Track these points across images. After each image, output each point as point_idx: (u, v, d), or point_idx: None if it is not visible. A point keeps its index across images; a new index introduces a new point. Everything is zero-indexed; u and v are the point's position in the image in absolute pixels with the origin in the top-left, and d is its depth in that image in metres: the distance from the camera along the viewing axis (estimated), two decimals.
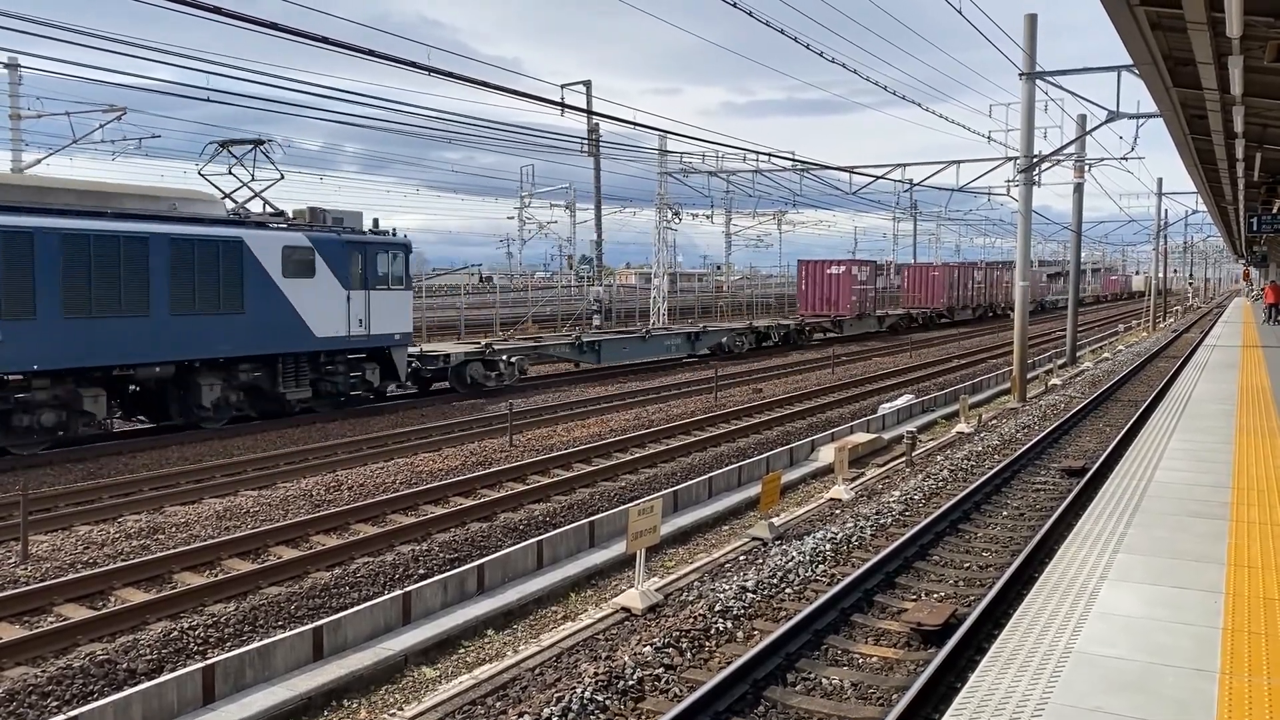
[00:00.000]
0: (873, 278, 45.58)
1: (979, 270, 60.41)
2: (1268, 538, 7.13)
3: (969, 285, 57.33)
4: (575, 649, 7.89)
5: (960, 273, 56.83)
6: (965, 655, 7.37)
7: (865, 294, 43.84)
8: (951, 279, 54.53)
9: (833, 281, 42.90)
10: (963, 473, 14.12)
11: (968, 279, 57.26)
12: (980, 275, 59.95)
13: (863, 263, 45.71)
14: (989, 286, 61.01)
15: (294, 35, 10.57)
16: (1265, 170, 18.66)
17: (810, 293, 43.42)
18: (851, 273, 42.93)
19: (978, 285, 58.89)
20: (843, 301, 42.57)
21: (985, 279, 60.47)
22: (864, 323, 44.57)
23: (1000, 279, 62.87)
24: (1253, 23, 8.27)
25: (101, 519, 12.00)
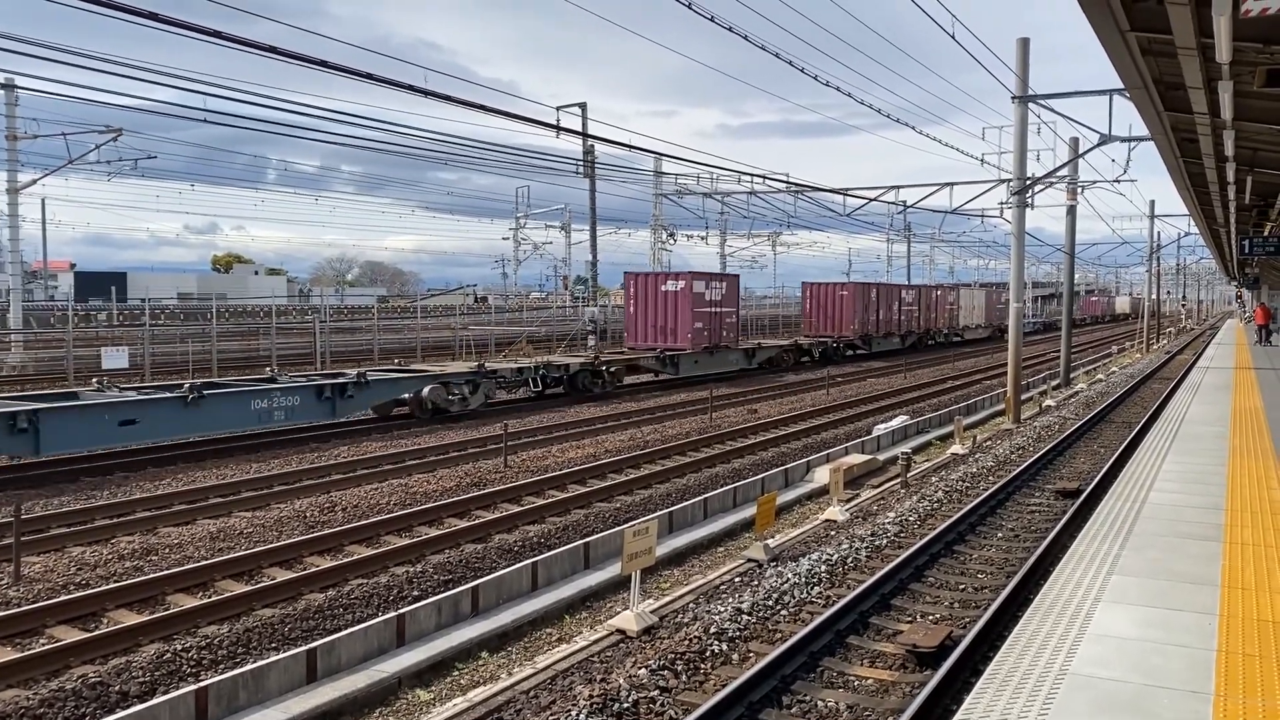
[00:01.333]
0: (733, 297, 34.38)
1: (908, 291, 50.70)
2: (1261, 559, 7.15)
3: (894, 308, 47.41)
4: (570, 671, 7.86)
5: (881, 293, 46.42)
6: (961, 677, 7.36)
7: (718, 320, 32.68)
8: (867, 300, 44.12)
9: (667, 303, 31.40)
10: (958, 494, 14.13)
11: (892, 300, 47.45)
12: (911, 296, 50.30)
13: (715, 277, 33.76)
14: (927, 309, 51.95)
15: (292, 58, 10.63)
16: (1256, 193, 18.79)
17: (640, 318, 31.80)
18: (693, 291, 31.29)
19: (907, 308, 49.16)
20: (681, 330, 31.10)
21: (919, 301, 51.04)
22: (716, 359, 32.67)
23: (942, 301, 54.51)
24: (1242, 48, 8.37)
25: (94, 540, 11.95)
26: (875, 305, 44.92)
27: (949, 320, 55.27)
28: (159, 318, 51.17)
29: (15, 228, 33.38)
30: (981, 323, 60.95)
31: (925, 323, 51.65)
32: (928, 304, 52.26)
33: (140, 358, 29.92)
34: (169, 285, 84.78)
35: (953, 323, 55.72)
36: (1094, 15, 8.08)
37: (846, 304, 42.51)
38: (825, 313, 42.81)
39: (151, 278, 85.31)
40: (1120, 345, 57.00)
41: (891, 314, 46.86)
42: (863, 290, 43.97)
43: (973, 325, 59.61)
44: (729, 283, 34.58)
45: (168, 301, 70.51)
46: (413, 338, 42.38)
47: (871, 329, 44.37)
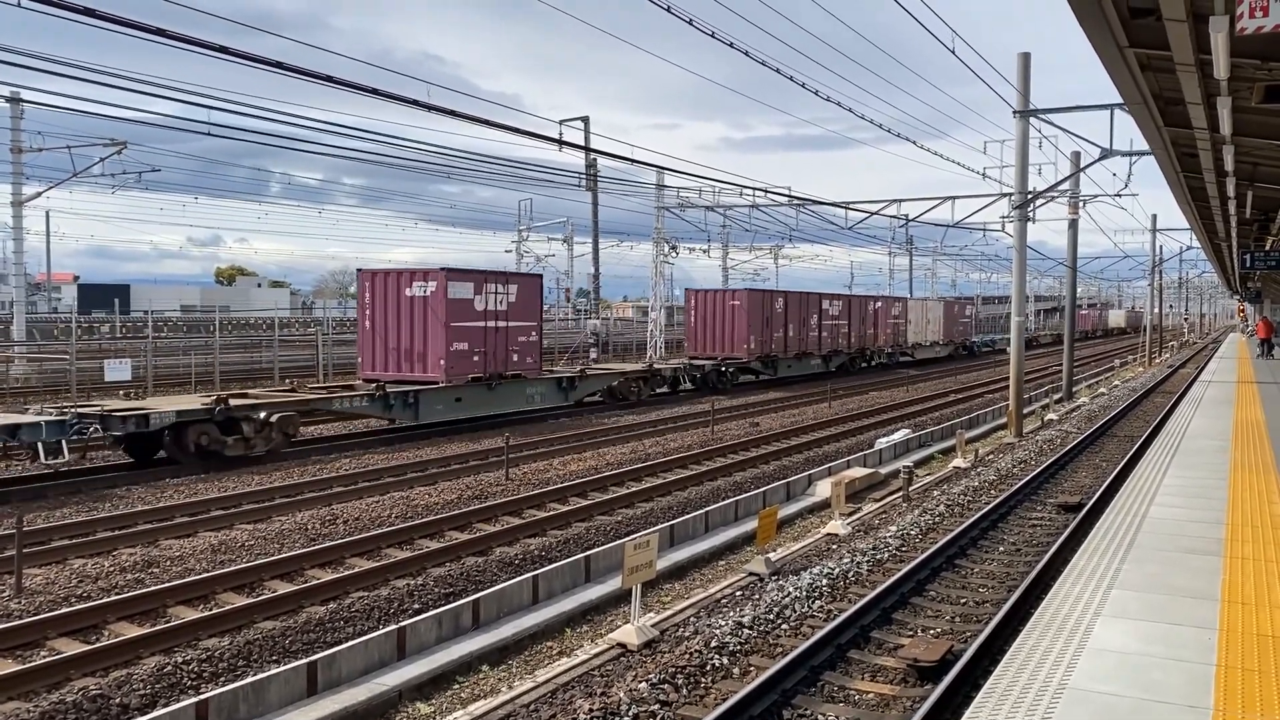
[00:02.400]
0: (532, 306, 24.68)
1: (833, 301, 41.43)
2: (1262, 574, 7.14)
3: (812, 322, 38.68)
4: (570, 685, 7.86)
5: (792, 304, 37.17)
6: (961, 692, 7.36)
7: (500, 339, 23.21)
8: (768, 312, 35.41)
9: (413, 314, 21.89)
10: (959, 508, 14.12)
11: (808, 312, 38.48)
12: (838, 308, 41.30)
13: (497, 276, 23.74)
14: (861, 324, 43.27)
15: (296, 73, 10.70)
16: (1257, 208, 18.83)
17: (376, 336, 22.31)
18: (449, 295, 21.65)
19: (832, 322, 40.52)
20: (432, 353, 21.68)
21: (850, 313, 42.27)
22: (497, 395, 23.16)
23: (883, 313, 45.89)
24: (1240, 64, 8.41)
25: (96, 552, 11.96)
26: (782, 319, 36.50)
27: (893, 337, 47.25)
28: (162, 330, 51.28)
29: (19, 240, 33.50)
30: (938, 339, 53.82)
31: (859, 340, 43.12)
32: (862, 317, 43.59)
33: (143, 370, 29.98)
34: (172, 297, 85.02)
35: (898, 340, 47.95)
36: (1093, 32, 8.14)
37: (738, 317, 34.32)
38: (711, 328, 34.76)
39: (155, 290, 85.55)
40: (1123, 359, 56.69)
41: (808, 330, 38.44)
42: (762, 300, 35.49)
43: (925, 342, 51.93)
44: (523, 286, 24.61)
45: (171, 314, 70.66)
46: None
47: (776, 348, 36.03)
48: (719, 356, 34.28)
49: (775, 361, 36.36)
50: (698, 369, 32.98)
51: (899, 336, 48.01)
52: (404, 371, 22.03)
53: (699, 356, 34.45)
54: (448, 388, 22.00)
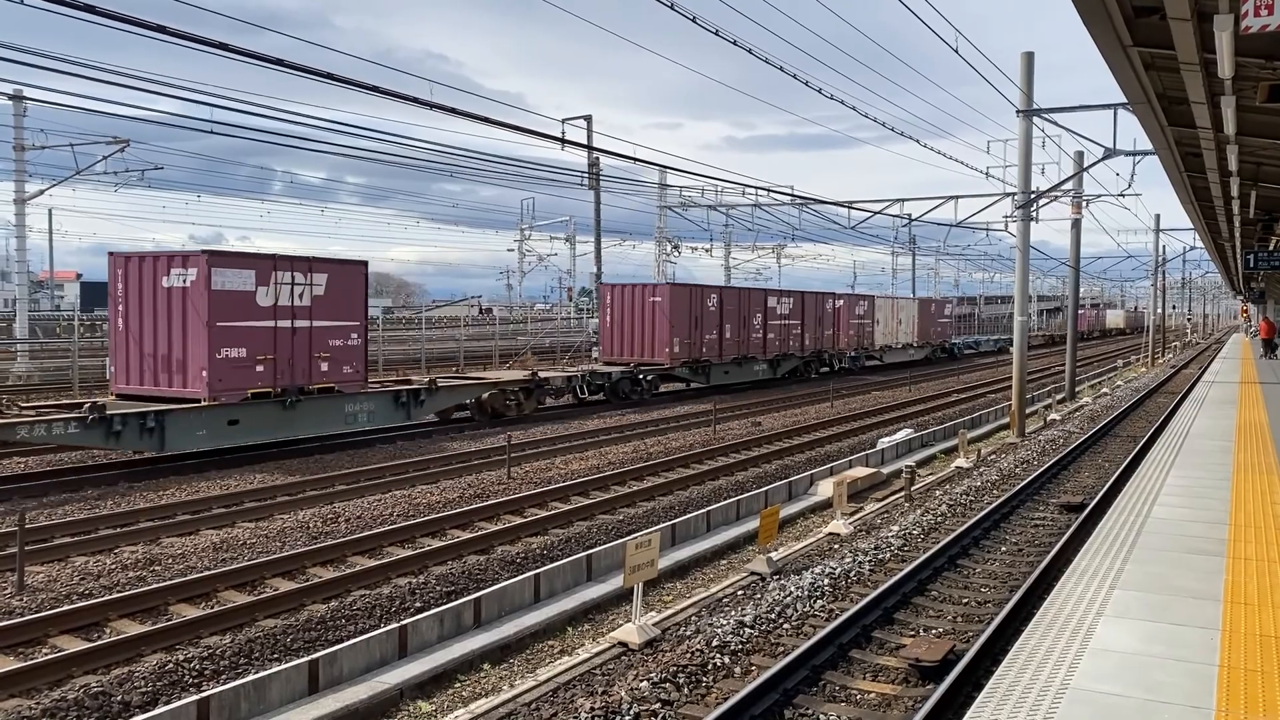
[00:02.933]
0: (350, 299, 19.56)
1: (781, 298, 36.48)
2: (1265, 574, 7.13)
3: (754, 322, 34.34)
4: (572, 684, 7.85)
5: (728, 301, 32.80)
6: (963, 692, 7.34)
7: (301, 340, 18.49)
8: (697, 309, 31.04)
9: (165, 307, 17.47)
10: (961, 508, 14.11)
11: (750, 310, 34.10)
12: (788, 305, 36.56)
13: (291, 262, 18.55)
14: (817, 324, 38.67)
15: (299, 71, 10.70)
16: (1261, 208, 18.80)
17: (130, 339, 17.86)
18: (209, 284, 17.01)
19: (780, 322, 35.94)
20: (192, 361, 17.20)
21: (803, 311, 37.41)
22: (305, 414, 18.61)
23: (845, 312, 41.18)
24: (1244, 64, 8.40)
25: (98, 550, 11.97)
26: (716, 318, 32.10)
27: (858, 339, 42.92)
28: None
29: (22, 238, 33.53)
30: (912, 341, 49.44)
31: (814, 342, 38.56)
32: (818, 317, 38.89)
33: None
34: None
35: (863, 342, 43.63)
36: (1097, 30, 8.12)
37: (658, 316, 29.84)
38: (628, 329, 30.41)
39: None
40: (1126, 359, 56.51)
41: (750, 331, 33.98)
42: (689, 296, 30.98)
43: (897, 345, 47.65)
44: (336, 275, 19.33)
45: None
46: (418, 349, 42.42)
47: (707, 351, 31.62)
48: (632, 362, 29.69)
49: (707, 367, 31.69)
50: (603, 376, 28.13)
51: (864, 338, 43.71)
52: (160, 385, 17.50)
53: (615, 361, 30.02)
54: (214, 406, 17.20)
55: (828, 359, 40.38)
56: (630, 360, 30.02)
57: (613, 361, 30.17)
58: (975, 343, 64.08)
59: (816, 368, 39.62)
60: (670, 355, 30.01)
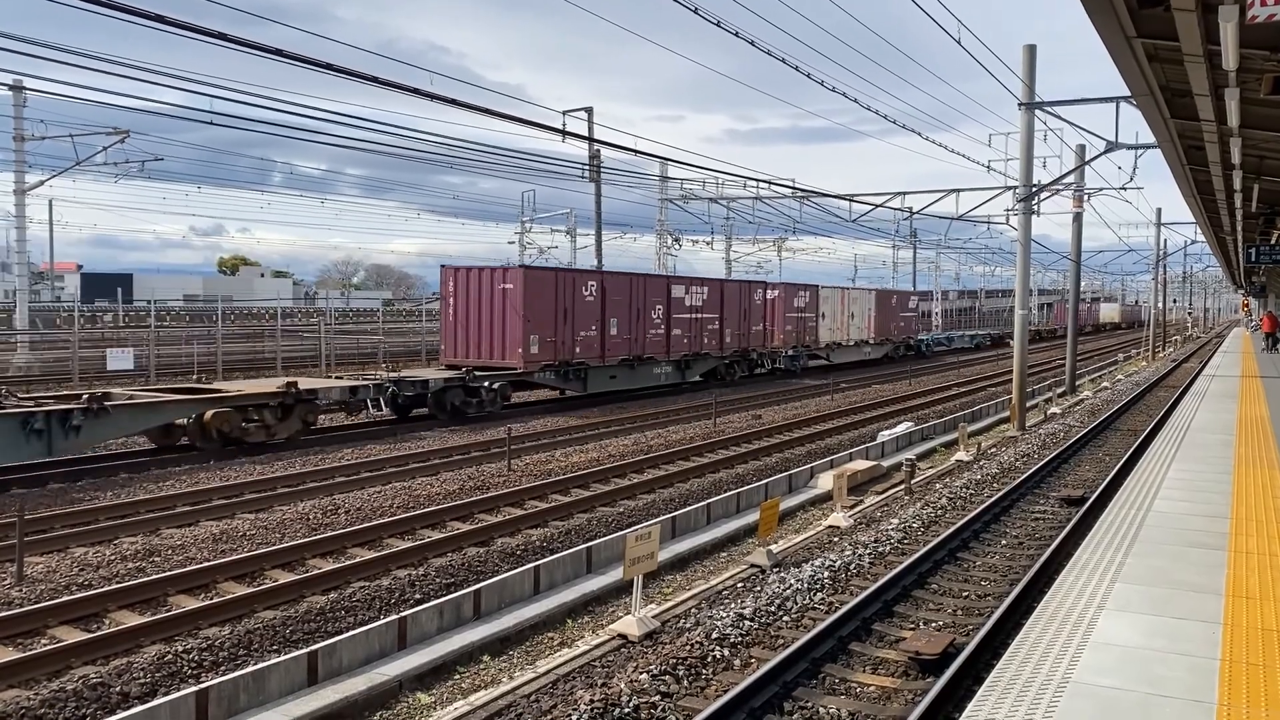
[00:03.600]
0: None
1: (692, 289, 31.18)
2: (1266, 568, 7.11)
3: (653, 317, 29.00)
4: (571, 676, 7.85)
5: (612, 290, 27.41)
6: (963, 685, 7.33)
7: None
8: (568, 300, 25.65)
9: None
10: (962, 501, 14.09)
11: (648, 302, 28.79)
12: (700, 296, 31.35)
13: None
14: (743, 318, 33.70)
15: (299, 61, 10.66)
16: (1263, 201, 18.76)
17: None
18: None
19: (691, 316, 30.81)
20: None
21: (723, 303, 32.33)
22: None
23: (777, 307, 36.30)
24: (1249, 55, 8.35)
25: (97, 541, 11.96)
26: (596, 311, 26.61)
27: (798, 335, 38.04)
28: (165, 319, 51.28)
29: (22, 229, 33.48)
30: (867, 337, 44.41)
31: (738, 339, 33.35)
32: (743, 310, 33.61)
33: (146, 359, 30.00)
34: (175, 287, 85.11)
35: (805, 339, 38.70)
36: (1101, 22, 8.08)
37: (509, 308, 24.22)
38: (473, 324, 24.76)
39: (158, 279, 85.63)
40: (1126, 353, 56.31)
41: (648, 326, 28.69)
42: (555, 283, 25.49)
43: (848, 342, 42.60)
44: None
45: (173, 303, 70.73)
46: (419, 340, 42.38)
47: (583, 352, 26.12)
48: (465, 366, 23.75)
49: (582, 372, 26.31)
50: (418, 386, 21.65)
51: (805, 334, 38.76)
52: None
53: (457, 365, 24.32)
54: None
55: (757, 359, 35.31)
56: (475, 363, 24.18)
57: (455, 364, 24.31)
58: (947, 339, 60.14)
59: (742, 369, 34.56)
60: (524, 357, 24.20)
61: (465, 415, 22.63)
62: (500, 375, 23.95)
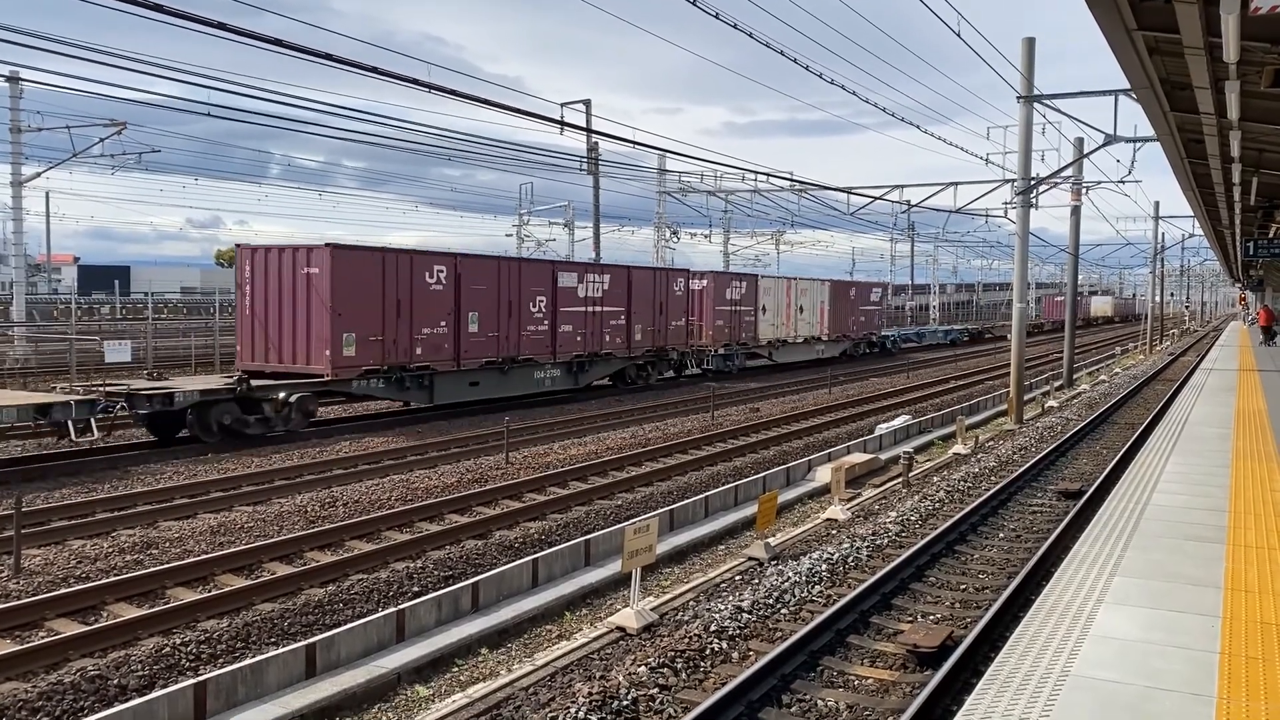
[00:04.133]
0: None
1: (589, 277, 26.62)
2: (1265, 562, 7.11)
3: (535, 310, 24.50)
4: (570, 668, 7.85)
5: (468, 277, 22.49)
6: (961, 678, 7.34)
7: None
8: (403, 294, 20.84)
9: None
10: (959, 494, 14.10)
11: (524, 294, 24.19)
12: (599, 287, 26.77)
13: None
14: (657, 314, 28.95)
15: (297, 52, 10.61)
16: (1262, 195, 18.74)
17: None
18: None
19: (589, 311, 26.30)
20: None
21: (629, 295, 27.73)
22: None
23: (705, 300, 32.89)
24: (1250, 48, 8.32)
25: (95, 533, 11.95)
26: (450, 302, 21.87)
27: (732, 331, 34.15)
28: (162, 312, 51.22)
29: (19, 221, 33.44)
30: (819, 334, 40.65)
31: (651, 337, 28.76)
32: (657, 302, 28.92)
33: (143, 351, 29.94)
34: (172, 279, 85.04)
35: (741, 335, 34.77)
36: (1101, 14, 8.05)
37: (315, 297, 19.41)
38: (273, 317, 19.92)
39: (155, 271, 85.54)
40: (1124, 346, 56.29)
41: (523, 321, 24.02)
42: (382, 267, 20.31)
43: (794, 339, 38.59)
44: None
45: (171, 295, 70.63)
46: None
47: (427, 353, 21.28)
48: (267, 368, 19.74)
49: (427, 379, 21.48)
50: (156, 401, 16.80)
51: (742, 331, 34.71)
52: None
53: (255, 369, 19.74)
54: None
55: (678, 359, 30.93)
56: (276, 368, 19.76)
57: (251, 371, 19.46)
58: (917, 335, 55.91)
59: (656, 372, 29.88)
60: (334, 360, 19.21)
61: (245, 436, 17.88)
62: (300, 384, 18.95)
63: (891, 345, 48.79)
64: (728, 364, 34.09)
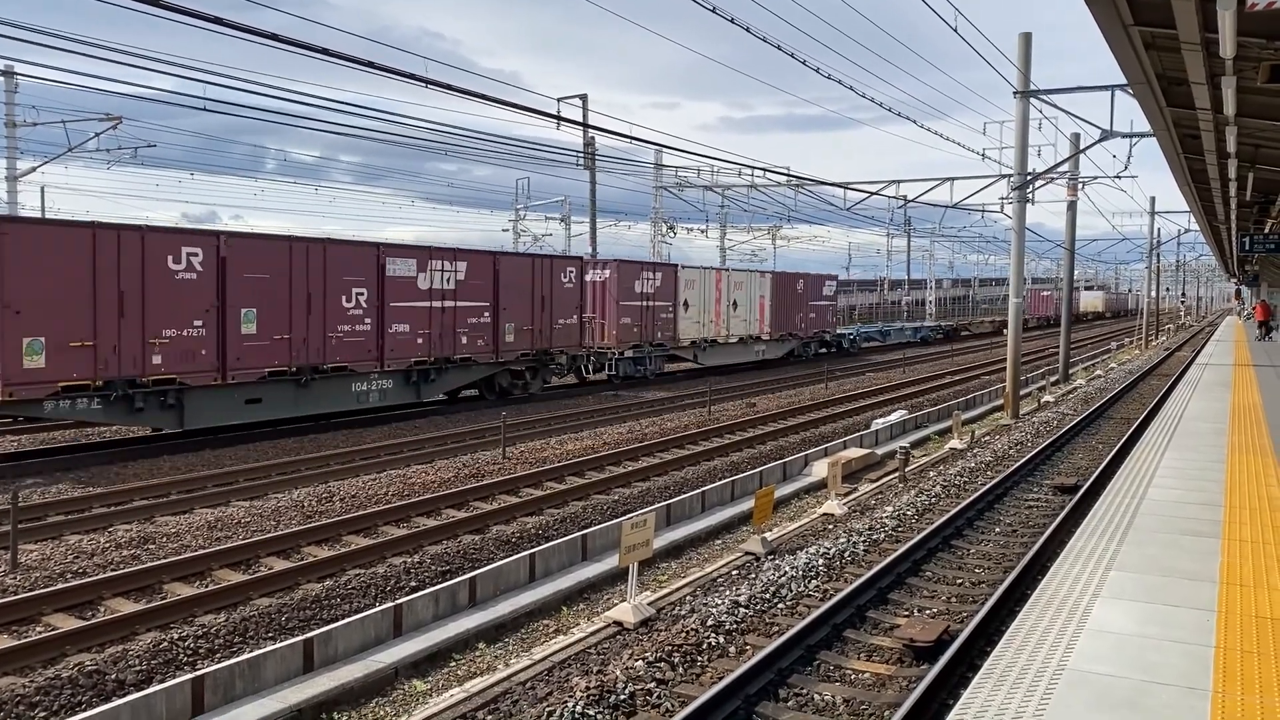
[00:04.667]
0: None
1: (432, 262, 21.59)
2: (1260, 556, 7.14)
3: (335, 307, 19.37)
4: (567, 663, 7.86)
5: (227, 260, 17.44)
6: (958, 672, 7.36)
7: None
8: (131, 280, 15.92)
9: None
10: (955, 489, 14.12)
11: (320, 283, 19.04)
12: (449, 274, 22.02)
13: None
14: (539, 310, 24.70)
15: (293, 46, 10.59)
16: (1257, 190, 18.77)
17: None
18: None
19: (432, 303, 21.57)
20: None
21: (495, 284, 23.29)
22: None
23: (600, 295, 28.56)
24: (1246, 44, 8.33)
25: (91, 529, 11.94)
26: (208, 296, 17.32)
27: (641, 331, 29.55)
28: None
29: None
30: (759, 333, 36.54)
31: (537, 338, 24.50)
32: (541, 296, 24.67)
33: None
34: None
35: (655, 335, 30.31)
36: (1099, 9, 8.05)
37: None
38: None
39: None
40: (1120, 341, 56.29)
41: (339, 321, 19.55)
42: (99, 248, 15.75)
43: (726, 338, 34.36)
44: None
45: None
46: None
47: (178, 363, 16.79)
48: None
49: (174, 396, 16.75)
50: None
51: (656, 329, 30.32)
52: None
53: None
54: None
55: (567, 363, 26.39)
56: None
57: None
58: (882, 333, 51.56)
59: (543, 379, 25.54)
60: (6, 376, 14.70)
61: None
62: None
63: (850, 345, 45.12)
64: (638, 369, 29.88)
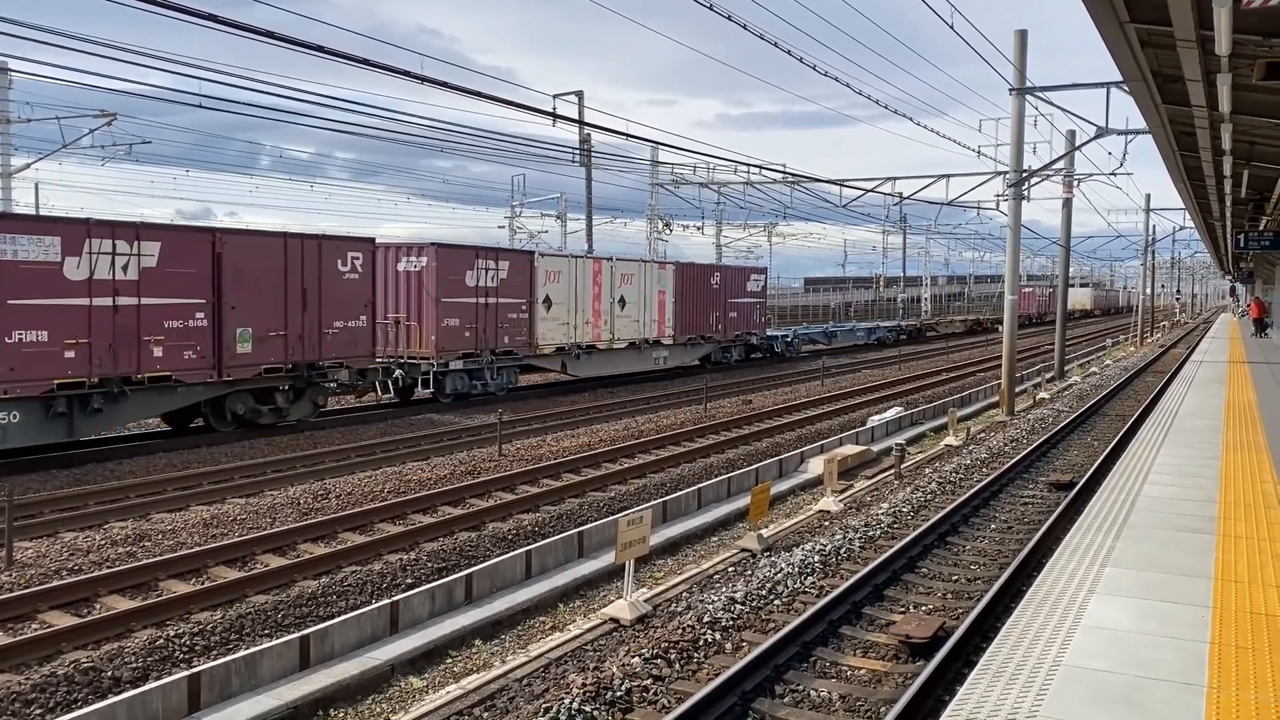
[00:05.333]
0: None
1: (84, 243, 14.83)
2: (1255, 552, 7.16)
3: None
4: (563, 660, 7.86)
5: None
6: (954, 668, 7.37)
7: None
8: None
9: None
10: (951, 485, 14.14)
11: None
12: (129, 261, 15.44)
13: None
14: (284, 305, 18.11)
15: (288, 43, 10.56)
16: (1253, 187, 18.79)
17: None
18: None
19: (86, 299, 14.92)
20: None
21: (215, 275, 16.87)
22: None
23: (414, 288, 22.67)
24: (1242, 41, 8.34)
25: (87, 526, 11.92)
26: None
27: (481, 336, 23.79)
28: None
29: None
30: (658, 335, 30.69)
31: (299, 348, 18.44)
32: (304, 290, 18.62)
33: None
34: None
35: (500, 340, 24.46)
36: (1094, 7, 8.05)
37: None
38: None
39: None
40: (1114, 339, 56.38)
41: None
42: None
43: (612, 343, 28.36)
44: None
45: None
46: None
47: None
48: None
49: None
50: None
51: (501, 333, 24.53)
52: None
53: None
54: None
55: (351, 379, 20.12)
56: None
57: None
58: (828, 333, 45.21)
59: (305, 401, 19.09)
60: None
61: None
62: None
63: (785, 349, 39.13)
64: (470, 383, 23.57)
